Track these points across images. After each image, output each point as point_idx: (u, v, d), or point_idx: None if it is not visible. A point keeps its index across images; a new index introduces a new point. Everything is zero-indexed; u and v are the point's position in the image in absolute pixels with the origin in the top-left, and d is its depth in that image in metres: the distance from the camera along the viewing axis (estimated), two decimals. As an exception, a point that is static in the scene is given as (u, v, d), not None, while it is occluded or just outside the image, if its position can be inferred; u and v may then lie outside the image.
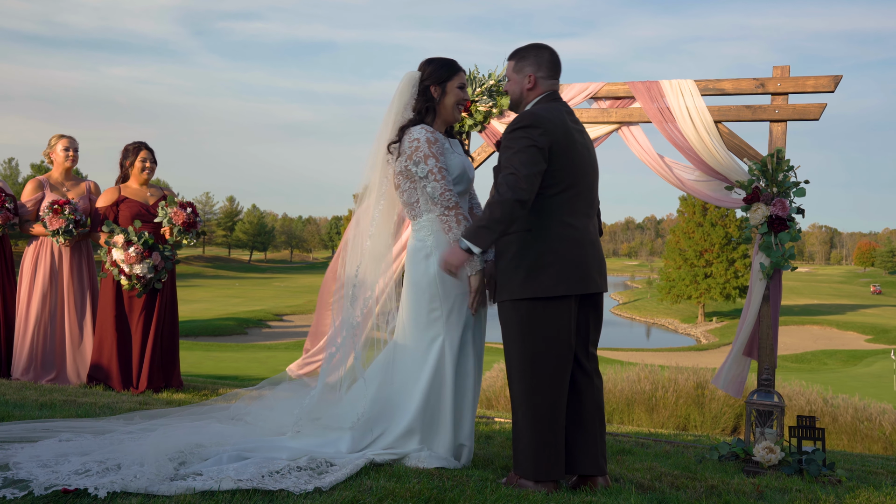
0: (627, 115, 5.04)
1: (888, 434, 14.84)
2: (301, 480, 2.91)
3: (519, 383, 3.22)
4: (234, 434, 3.46)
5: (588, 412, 3.31)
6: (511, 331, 3.25)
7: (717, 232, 56.34)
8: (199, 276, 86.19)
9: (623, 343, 42.95)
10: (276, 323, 48.00)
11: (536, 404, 3.16)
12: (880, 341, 44.46)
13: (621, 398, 17.27)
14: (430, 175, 3.36)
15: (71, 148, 6.25)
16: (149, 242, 5.86)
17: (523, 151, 3.11)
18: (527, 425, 3.18)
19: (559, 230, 3.19)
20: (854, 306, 66.62)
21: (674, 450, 4.95)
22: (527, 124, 3.16)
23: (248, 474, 2.89)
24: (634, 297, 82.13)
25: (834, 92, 4.60)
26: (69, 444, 3.21)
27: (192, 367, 21.30)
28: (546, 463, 3.16)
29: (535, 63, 3.34)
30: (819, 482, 3.92)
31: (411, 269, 3.48)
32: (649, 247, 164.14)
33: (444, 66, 3.49)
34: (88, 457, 3.03)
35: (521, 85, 3.36)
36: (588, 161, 3.32)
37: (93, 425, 3.63)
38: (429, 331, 3.41)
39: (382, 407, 3.43)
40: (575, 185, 3.23)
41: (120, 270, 5.82)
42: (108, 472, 2.83)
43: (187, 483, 2.75)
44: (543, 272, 3.15)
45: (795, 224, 4.49)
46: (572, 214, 3.22)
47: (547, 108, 3.28)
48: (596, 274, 3.26)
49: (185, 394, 5.92)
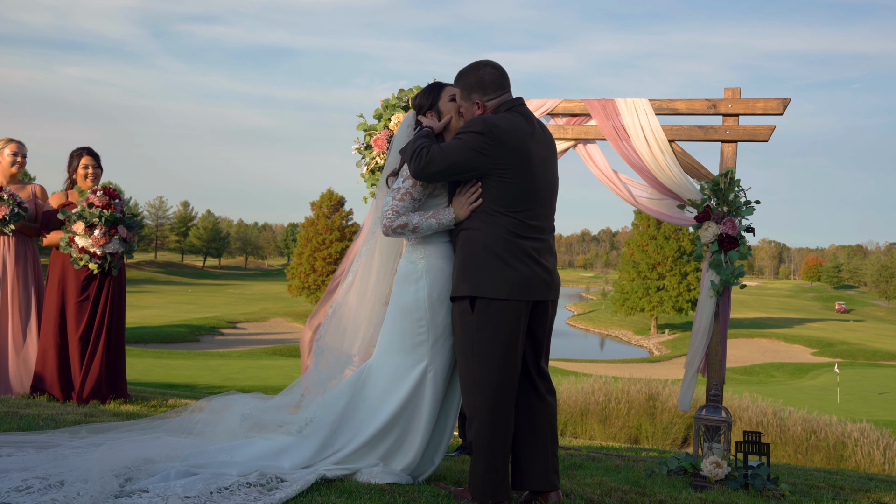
0: (583, 132, 5.11)
1: (832, 445, 15.26)
2: (250, 497, 2.86)
3: (466, 401, 3.21)
4: (184, 447, 3.39)
5: (541, 429, 3.31)
6: (458, 338, 3.24)
7: (670, 245, 57.34)
8: (151, 282, 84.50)
9: (577, 354, 43.37)
10: (229, 330, 47.29)
11: (482, 424, 3.15)
12: (825, 354, 45.72)
13: (575, 409, 17.44)
14: (396, 191, 3.34)
15: (19, 154, 6.09)
16: (109, 219, 5.76)
17: (460, 149, 3.15)
18: (476, 446, 3.17)
19: (513, 240, 3.17)
20: (801, 320, 68.43)
21: (624, 464, 5.00)
22: (474, 130, 3.16)
23: (197, 491, 2.83)
24: (589, 308, 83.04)
25: (783, 115, 4.73)
26: (10, 460, 3.11)
27: (142, 375, 20.84)
28: (492, 486, 3.15)
29: (479, 87, 3.32)
30: (764, 496, 4.00)
31: (400, 291, 3.43)
32: (604, 259, 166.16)
33: (428, 92, 3.53)
34: (30, 472, 2.94)
35: (472, 111, 3.35)
36: (545, 177, 3.30)
37: (36, 439, 3.52)
38: (411, 355, 3.37)
39: (348, 422, 3.39)
40: (531, 206, 3.22)
41: (92, 255, 5.71)
42: (51, 490, 2.75)
43: (132, 500, 2.69)
44: (490, 276, 3.14)
45: (745, 242, 4.59)
46: (527, 228, 3.21)
47: (503, 117, 3.24)
48: (542, 283, 3.24)
49: (133, 405, 5.79)
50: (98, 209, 5.73)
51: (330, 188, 60.06)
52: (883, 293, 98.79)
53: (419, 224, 3.29)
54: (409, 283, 3.39)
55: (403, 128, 3.59)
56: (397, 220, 3.29)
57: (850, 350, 46.70)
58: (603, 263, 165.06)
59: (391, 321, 3.44)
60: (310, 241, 58.53)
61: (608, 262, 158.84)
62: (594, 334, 62.01)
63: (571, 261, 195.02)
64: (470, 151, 3.14)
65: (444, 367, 3.41)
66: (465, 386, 3.22)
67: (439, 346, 3.36)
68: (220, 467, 3.14)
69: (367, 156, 5.50)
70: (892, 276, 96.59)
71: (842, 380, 30.70)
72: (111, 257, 5.80)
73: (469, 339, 3.18)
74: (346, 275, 3.77)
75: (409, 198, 3.32)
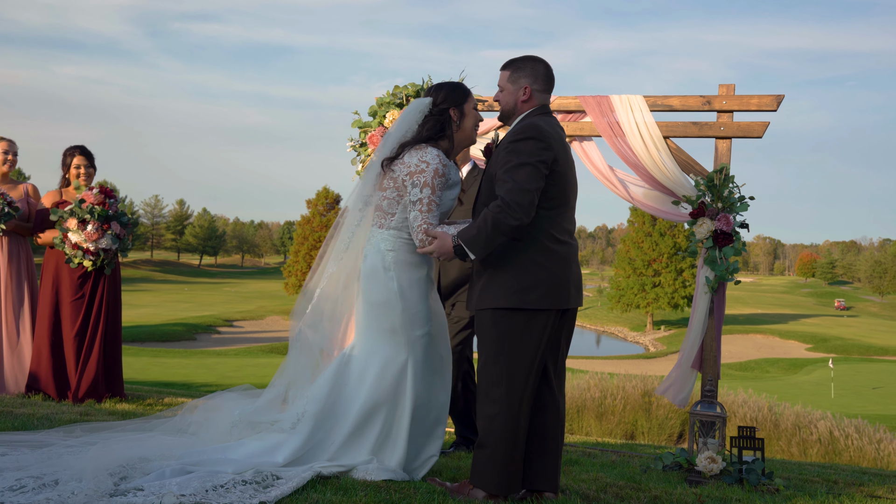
0: (578, 128, 5.11)
1: (825, 440, 15.33)
2: (246, 495, 2.87)
3: (488, 395, 3.17)
4: (180, 445, 3.39)
5: (551, 429, 3.31)
6: (488, 341, 3.20)
7: (665, 242, 57.43)
8: (147, 281, 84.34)
9: (574, 351, 42.83)
10: (225, 329, 47.26)
11: (507, 418, 3.13)
12: (819, 350, 45.89)
13: (571, 405, 17.47)
14: (419, 203, 3.30)
15: (10, 152, 6.07)
16: (102, 214, 5.73)
17: (525, 167, 3.06)
18: (494, 439, 3.15)
19: (547, 244, 3.17)
20: (796, 316, 68.64)
21: (620, 459, 5.02)
22: (531, 136, 3.12)
23: (192, 489, 2.84)
24: (585, 305, 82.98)
25: (776, 111, 4.74)
26: (4, 459, 3.11)
27: (138, 374, 20.80)
28: (508, 478, 3.15)
29: (532, 75, 3.29)
30: (758, 491, 4.02)
31: (371, 284, 3.39)
32: (600, 256, 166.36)
33: (458, 89, 3.43)
34: (24, 472, 2.94)
35: (516, 96, 3.31)
36: (575, 178, 3.34)
37: (30, 438, 3.52)
38: (388, 346, 3.37)
39: (333, 410, 3.37)
40: (567, 202, 3.25)
41: (85, 251, 5.69)
42: (45, 489, 2.75)
43: (127, 499, 2.69)
44: (529, 284, 3.12)
45: (740, 238, 4.60)
46: (561, 230, 3.22)
47: (547, 121, 3.24)
48: (574, 289, 3.27)
49: (128, 404, 5.78)
50: (90, 205, 5.71)
51: (326, 186, 60.07)
52: (877, 289, 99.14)
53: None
54: (380, 275, 3.37)
55: (414, 113, 3.45)
56: (426, 225, 3.28)
57: (844, 345, 46.87)
58: (599, 260, 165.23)
59: (365, 313, 3.42)
60: (306, 239, 58.48)
61: (604, 259, 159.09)
62: (590, 331, 62.14)
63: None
64: (533, 165, 3.08)
65: (424, 358, 3.40)
66: (491, 381, 3.17)
67: (416, 337, 3.37)
68: (215, 465, 3.14)
69: (362, 153, 5.49)
70: (885, 272, 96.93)
71: (836, 375, 30.82)
72: (104, 253, 5.78)
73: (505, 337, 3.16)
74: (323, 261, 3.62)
75: (434, 206, 3.30)
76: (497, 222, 3.04)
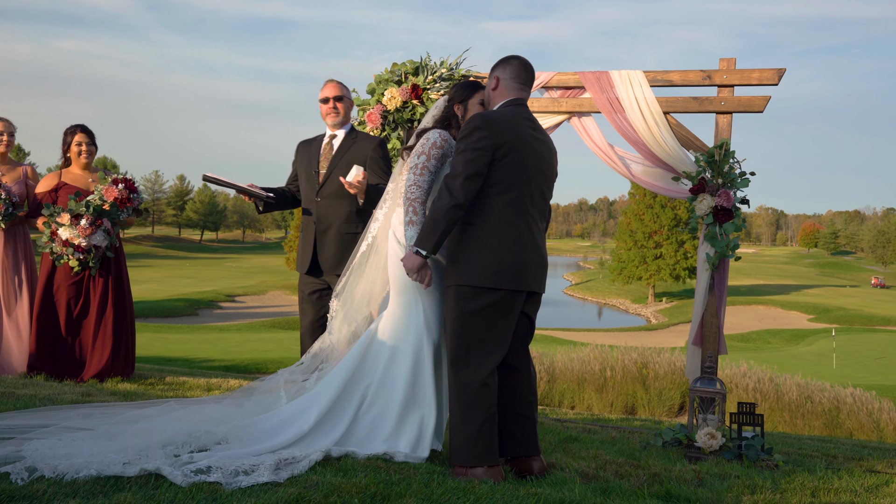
0: (578, 104, 5.06)
1: (827, 411, 15.42)
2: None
3: (451, 368, 3.33)
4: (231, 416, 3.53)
5: (524, 397, 3.44)
6: (448, 317, 3.37)
7: (666, 214, 57.29)
8: (149, 256, 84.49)
9: (575, 323, 43.56)
10: (227, 304, 47.38)
11: (467, 390, 3.26)
12: (822, 321, 45.95)
13: (573, 378, 17.57)
14: (414, 168, 3.49)
15: (6, 132, 6.01)
16: (97, 209, 5.68)
17: (460, 154, 3.29)
18: (459, 412, 3.27)
19: (498, 227, 3.30)
20: (798, 286, 68.67)
21: (620, 436, 5.04)
22: (473, 125, 3.31)
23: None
24: (587, 277, 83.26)
25: (777, 85, 4.69)
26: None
27: (141, 350, 20.88)
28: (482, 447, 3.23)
29: (502, 67, 3.54)
30: (757, 467, 4.04)
31: (397, 270, 3.55)
32: (602, 228, 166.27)
33: (467, 87, 3.67)
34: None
35: (489, 87, 3.56)
36: (538, 166, 3.41)
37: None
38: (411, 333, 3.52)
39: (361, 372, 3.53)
40: (519, 187, 3.33)
41: (76, 248, 5.62)
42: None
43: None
44: (477, 263, 3.28)
45: (740, 214, 4.58)
46: (515, 214, 3.33)
47: (504, 111, 3.41)
48: (530, 275, 3.36)
49: (130, 383, 5.80)
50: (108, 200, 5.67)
51: (326, 160, 59.74)
52: (880, 258, 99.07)
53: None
54: (394, 250, 3.58)
55: (433, 109, 3.72)
56: (418, 191, 3.47)
57: (846, 316, 46.94)
58: (600, 232, 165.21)
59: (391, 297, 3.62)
60: (306, 214, 58.30)
61: (605, 231, 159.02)
62: (592, 303, 62.20)
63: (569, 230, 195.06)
64: (473, 151, 3.26)
65: (438, 346, 3.55)
66: (452, 352, 3.33)
67: (430, 315, 3.53)
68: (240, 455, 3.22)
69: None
70: (888, 242, 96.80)
71: (838, 345, 30.90)
72: (95, 250, 5.70)
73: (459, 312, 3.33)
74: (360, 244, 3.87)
75: (425, 171, 3.49)
76: (434, 209, 3.26)
